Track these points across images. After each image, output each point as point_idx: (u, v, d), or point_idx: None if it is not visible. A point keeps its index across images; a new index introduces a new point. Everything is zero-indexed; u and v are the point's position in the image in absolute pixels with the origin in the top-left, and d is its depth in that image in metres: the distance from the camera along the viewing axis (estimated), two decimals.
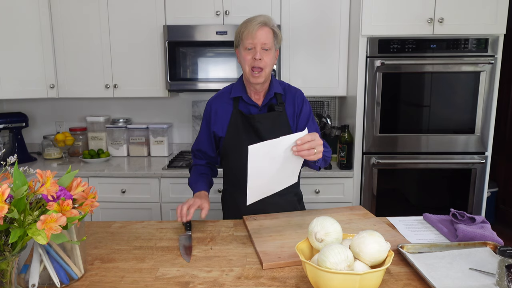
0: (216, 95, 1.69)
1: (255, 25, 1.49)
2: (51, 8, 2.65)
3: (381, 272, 0.94)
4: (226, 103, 1.64)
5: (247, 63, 1.53)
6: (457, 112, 2.43)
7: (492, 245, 1.20)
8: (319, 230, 1.08)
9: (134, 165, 2.69)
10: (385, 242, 1.02)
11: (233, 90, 1.64)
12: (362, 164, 2.50)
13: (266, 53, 1.52)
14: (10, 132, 2.83)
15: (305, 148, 1.26)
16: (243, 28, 1.52)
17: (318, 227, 1.08)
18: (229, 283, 1.07)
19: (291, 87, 1.68)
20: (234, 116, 1.61)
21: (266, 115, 1.60)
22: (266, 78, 1.55)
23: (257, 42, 1.49)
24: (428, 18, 2.34)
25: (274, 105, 1.61)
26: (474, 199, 2.50)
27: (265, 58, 1.51)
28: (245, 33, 1.51)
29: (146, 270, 1.14)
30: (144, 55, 2.69)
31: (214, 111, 1.65)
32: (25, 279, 1.02)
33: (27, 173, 0.99)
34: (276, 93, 1.62)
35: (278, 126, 1.60)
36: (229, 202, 1.73)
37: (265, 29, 1.51)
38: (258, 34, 1.49)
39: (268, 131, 1.57)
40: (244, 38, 1.52)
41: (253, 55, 1.50)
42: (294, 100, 1.64)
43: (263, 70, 1.52)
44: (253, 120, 1.58)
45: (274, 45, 1.55)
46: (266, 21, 1.51)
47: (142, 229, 1.46)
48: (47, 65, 2.69)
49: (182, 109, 3.07)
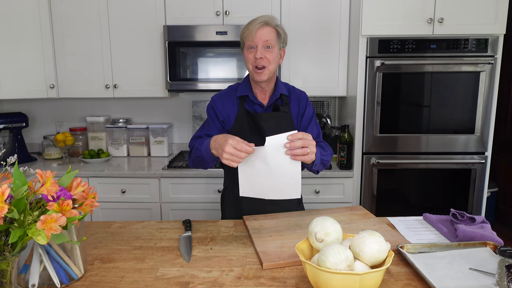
0: (220, 93, 1.69)
1: (256, 25, 1.52)
2: (51, 8, 2.65)
3: (381, 272, 0.94)
4: (231, 101, 1.65)
5: (250, 62, 1.55)
6: (457, 112, 2.43)
7: (492, 245, 1.20)
8: (319, 230, 1.08)
9: (134, 165, 2.69)
10: (385, 242, 1.02)
11: (239, 89, 1.65)
12: (362, 164, 2.50)
13: (268, 51, 1.53)
14: (10, 132, 2.83)
15: (298, 145, 1.26)
16: (245, 28, 1.55)
17: (318, 227, 1.08)
18: (229, 283, 1.07)
19: (295, 89, 1.71)
20: (240, 114, 1.62)
21: (271, 114, 1.60)
22: (270, 75, 1.56)
23: (258, 41, 1.51)
24: (428, 18, 2.34)
25: (279, 106, 1.62)
26: (474, 199, 2.50)
27: (267, 56, 1.52)
28: (246, 33, 1.54)
29: (146, 270, 1.15)
30: (144, 55, 2.69)
31: (220, 105, 1.64)
32: (25, 279, 1.02)
33: (27, 173, 0.99)
34: (282, 94, 1.64)
35: (283, 126, 1.60)
36: (230, 202, 1.73)
37: (266, 28, 1.53)
38: (258, 33, 1.51)
39: (273, 131, 1.55)
40: (246, 38, 1.54)
41: (254, 54, 1.52)
42: (299, 102, 1.66)
43: (266, 68, 1.53)
44: (258, 118, 1.58)
45: (277, 43, 1.56)
46: (267, 21, 1.53)
47: (142, 229, 1.46)
48: (47, 65, 2.69)
49: (182, 109, 3.07)
